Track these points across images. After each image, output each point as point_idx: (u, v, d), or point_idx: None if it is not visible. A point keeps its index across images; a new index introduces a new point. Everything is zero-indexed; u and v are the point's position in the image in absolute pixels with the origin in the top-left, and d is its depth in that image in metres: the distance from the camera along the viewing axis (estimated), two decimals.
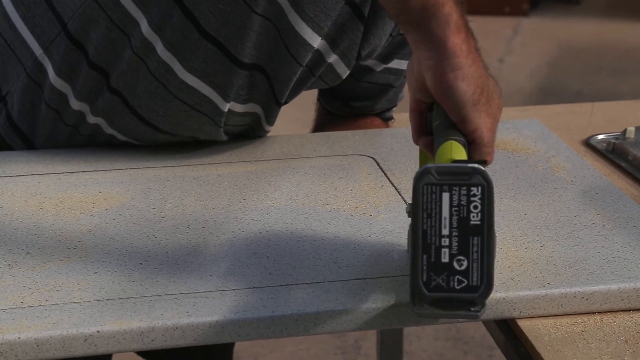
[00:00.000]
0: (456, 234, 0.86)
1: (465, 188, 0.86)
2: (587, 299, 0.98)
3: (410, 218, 0.90)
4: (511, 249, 1.06)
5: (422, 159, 1.05)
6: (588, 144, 1.40)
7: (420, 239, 0.87)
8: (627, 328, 0.97)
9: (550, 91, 1.30)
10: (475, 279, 0.87)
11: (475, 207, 0.86)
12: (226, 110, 1.26)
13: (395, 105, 1.49)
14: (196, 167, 1.28)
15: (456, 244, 0.86)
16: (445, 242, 0.86)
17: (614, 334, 0.96)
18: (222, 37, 1.19)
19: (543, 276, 1.01)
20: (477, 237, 0.86)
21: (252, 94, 1.27)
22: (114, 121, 1.28)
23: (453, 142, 0.94)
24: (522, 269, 1.02)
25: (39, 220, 1.12)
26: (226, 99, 1.25)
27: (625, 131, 1.39)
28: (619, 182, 1.27)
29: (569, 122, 1.50)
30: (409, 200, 1.15)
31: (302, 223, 1.12)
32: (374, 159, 1.30)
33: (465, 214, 0.86)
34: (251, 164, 1.29)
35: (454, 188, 0.86)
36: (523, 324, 0.98)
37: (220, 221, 1.13)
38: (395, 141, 1.37)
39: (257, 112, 1.31)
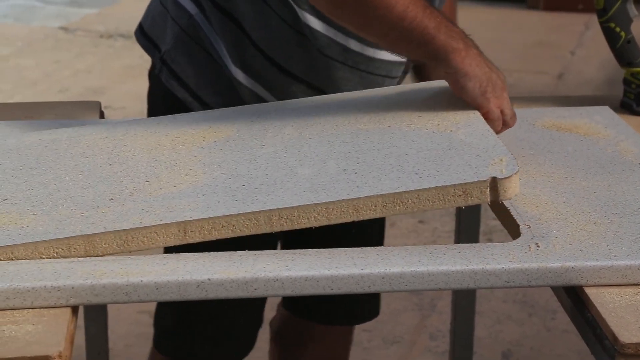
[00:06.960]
0: None
1: None
2: None
3: None
4: (581, 223, 1.15)
5: None
6: None
7: None
8: None
9: (618, 82, 1.38)
10: None
11: None
12: (351, 47, 1.40)
13: None
14: (294, 100, 1.40)
15: None
16: None
17: None
18: None
19: (610, 249, 1.09)
20: None
21: None
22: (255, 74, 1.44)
23: None
24: (591, 241, 1.11)
25: (157, 154, 1.27)
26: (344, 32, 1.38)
27: None
28: None
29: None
30: None
31: (388, 142, 1.24)
32: None
33: None
34: (343, 94, 1.41)
35: None
36: (590, 291, 1.06)
37: (315, 145, 1.25)
38: None
39: None
